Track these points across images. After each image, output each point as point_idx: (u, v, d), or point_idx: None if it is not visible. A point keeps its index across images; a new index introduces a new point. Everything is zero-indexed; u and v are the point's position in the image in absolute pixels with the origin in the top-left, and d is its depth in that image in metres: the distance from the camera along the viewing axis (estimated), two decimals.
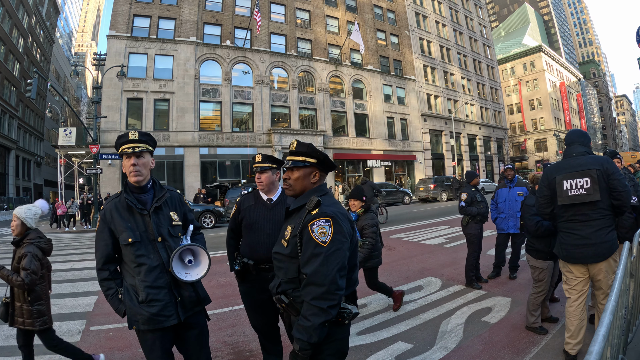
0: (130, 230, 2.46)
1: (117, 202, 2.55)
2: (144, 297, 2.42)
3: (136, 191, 2.58)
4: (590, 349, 1.29)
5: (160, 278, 2.47)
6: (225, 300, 5.93)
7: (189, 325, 2.61)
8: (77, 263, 9.90)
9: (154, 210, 2.54)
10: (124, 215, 2.50)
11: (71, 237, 17.58)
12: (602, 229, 3.39)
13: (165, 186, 2.75)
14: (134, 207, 2.50)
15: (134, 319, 2.46)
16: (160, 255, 2.49)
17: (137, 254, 2.45)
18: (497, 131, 55.14)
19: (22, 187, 46.00)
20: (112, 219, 2.50)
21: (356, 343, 4.22)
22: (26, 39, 45.95)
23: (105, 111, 27.11)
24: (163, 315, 2.44)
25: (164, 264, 2.49)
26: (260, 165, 3.25)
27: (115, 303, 2.54)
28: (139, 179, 2.51)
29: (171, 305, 2.48)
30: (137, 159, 2.50)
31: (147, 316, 2.42)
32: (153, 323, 2.43)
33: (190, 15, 30.91)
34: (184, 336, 2.63)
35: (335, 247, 1.93)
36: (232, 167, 31.36)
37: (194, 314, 2.63)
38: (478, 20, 57.20)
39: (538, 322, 4.42)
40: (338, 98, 37.11)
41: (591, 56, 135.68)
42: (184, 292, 2.55)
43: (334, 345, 2.02)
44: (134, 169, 2.49)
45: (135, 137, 2.51)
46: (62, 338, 3.78)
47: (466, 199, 6.60)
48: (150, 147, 2.58)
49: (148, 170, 2.57)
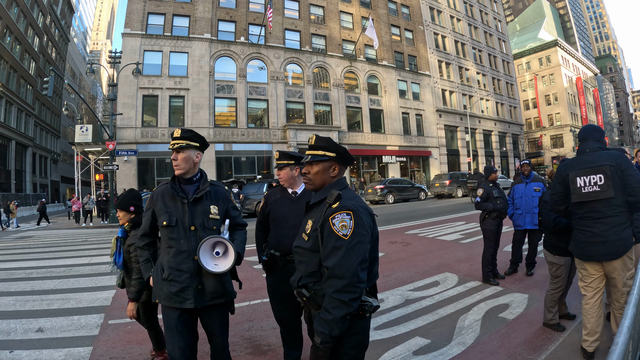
0: (168, 215, 2.71)
1: (164, 189, 2.82)
2: (166, 275, 2.68)
3: (183, 182, 2.82)
4: (616, 340, 1.31)
5: (184, 263, 2.67)
6: (243, 295, 5.96)
7: (209, 315, 2.80)
8: (95, 258, 9.96)
9: (193, 200, 2.74)
10: (167, 201, 2.77)
11: (88, 233, 17.76)
12: (616, 226, 3.32)
13: (214, 181, 2.95)
14: (176, 195, 2.75)
15: (157, 293, 2.75)
16: (190, 242, 2.68)
17: (170, 236, 2.71)
18: (513, 127, 54.45)
19: (39, 183, 46.66)
20: (156, 202, 2.79)
21: (374, 338, 4.19)
22: (41, 38, 46.51)
23: (121, 108, 27.35)
24: (181, 297, 2.65)
25: (192, 251, 2.67)
26: (278, 162, 3.39)
27: (144, 269, 2.91)
28: (178, 171, 2.76)
29: (190, 290, 2.66)
30: (177, 153, 2.74)
31: (166, 293, 2.67)
32: (171, 301, 2.67)
33: (204, 12, 30.99)
34: (204, 322, 2.83)
35: (356, 240, 1.94)
36: (248, 162, 31.43)
37: (215, 306, 2.78)
38: (493, 15, 56.47)
39: (555, 319, 4.38)
40: (353, 94, 36.92)
41: (607, 51, 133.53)
42: (207, 281, 2.71)
43: (355, 338, 2.05)
44: (174, 163, 2.76)
45: (178, 134, 2.76)
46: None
47: (482, 194, 6.58)
48: (193, 142, 2.78)
49: (190, 164, 2.77)
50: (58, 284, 7.13)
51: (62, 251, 11.59)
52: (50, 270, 8.53)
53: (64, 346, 4.22)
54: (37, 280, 7.54)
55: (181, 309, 2.68)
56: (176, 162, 2.74)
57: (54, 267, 8.80)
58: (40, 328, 4.82)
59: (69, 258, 10.08)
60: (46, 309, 5.64)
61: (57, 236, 16.72)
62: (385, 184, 27.21)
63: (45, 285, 7.14)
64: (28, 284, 7.27)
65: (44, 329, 4.78)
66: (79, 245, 12.70)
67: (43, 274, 8.19)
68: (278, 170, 3.38)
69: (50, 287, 6.92)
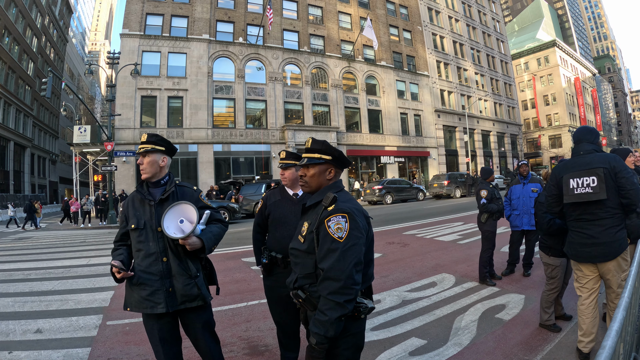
0: (136, 218, 2.76)
1: (134, 194, 2.90)
2: (135, 280, 2.66)
3: (151, 185, 2.86)
4: (604, 344, 1.30)
5: (154, 265, 2.68)
6: (240, 296, 5.99)
7: (188, 319, 2.79)
8: (93, 259, 9.96)
9: (159, 202, 2.78)
10: (136, 205, 2.83)
11: (86, 234, 17.75)
12: (610, 228, 3.35)
13: (182, 183, 2.99)
14: (144, 198, 2.80)
15: (128, 300, 2.73)
16: (158, 244, 2.70)
17: (138, 239, 2.73)
18: (511, 127, 54.54)
19: (38, 184, 46.59)
20: (128, 208, 2.86)
21: (370, 339, 4.22)
22: (40, 39, 46.45)
23: (119, 109, 27.28)
24: (151, 301, 2.63)
25: (160, 253, 2.69)
26: (284, 162, 3.37)
27: (115, 256, 2.77)
28: (145, 175, 2.81)
29: (160, 293, 2.65)
30: (143, 157, 2.80)
31: (137, 298, 2.66)
32: (142, 306, 2.65)
33: (202, 13, 30.98)
34: (185, 328, 2.83)
35: (351, 242, 1.96)
36: (246, 163, 31.43)
37: (190, 310, 2.75)
38: (491, 15, 56.55)
39: (551, 320, 4.41)
40: (351, 94, 36.95)
41: (606, 51, 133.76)
42: (177, 283, 2.68)
43: (350, 340, 2.06)
44: (140, 167, 2.82)
45: (144, 139, 2.82)
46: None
47: (486, 195, 6.56)
48: (159, 146, 2.82)
49: (155, 168, 2.81)
50: (56, 285, 7.15)
51: (60, 252, 11.59)
52: (48, 271, 8.54)
53: (62, 347, 4.24)
54: (35, 282, 7.55)
55: (158, 315, 2.68)
56: (142, 166, 2.79)
57: (53, 268, 8.81)
58: (39, 329, 4.83)
59: (67, 259, 10.08)
60: (45, 310, 5.64)
61: (55, 237, 16.71)
62: (384, 184, 27.32)
63: (44, 286, 7.14)
64: (27, 285, 7.27)
65: (42, 330, 4.78)
66: (78, 247, 12.71)
67: (41, 275, 8.19)
68: (282, 169, 3.36)
69: (49, 288, 6.93)
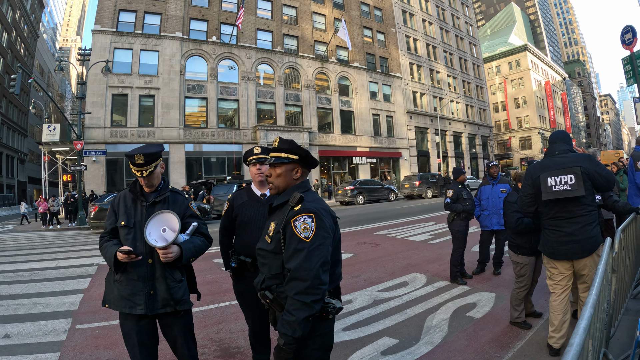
0: (127, 216, 2.78)
1: (126, 192, 2.91)
2: (118, 277, 2.67)
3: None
4: (571, 341, 1.32)
5: (139, 266, 2.66)
6: (211, 297, 5.90)
7: (167, 322, 2.79)
8: (62, 261, 9.67)
9: (152, 203, 2.81)
10: (128, 203, 2.85)
11: (55, 235, 17.34)
12: (587, 225, 3.48)
13: (174, 189, 3.03)
14: (136, 198, 2.84)
15: (107, 296, 2.75)
16: (146, 245, 2.66)
17: (126, 237, 2.73)
18: (482, 129, 55.81)
19: (6, 184, 45.34)
20: (118, 205, 2.86)
21: (342, 339, 4.26)
22: (10, 34, 45.20)
23: (89, 107, 26.88)
24: (131, 301, 2.63)
25: (146, 254, 2.68)
26: (261, 156, 3.23)
27: (112, 246, 2.73)
28: (151, 189, 2.86)
29: (141, 295, 2.64)
30: (149, 177, 2.77)
31: (116, 295, 2.66)
32: (120, 305, 2.65)
33: (176, 10, 30.75)
34: (164, 331, 2.83)
35: (318, 242, 1.96)
36: (218, 163, 31.37)
37: (170, 312, 2.74)
38: (464, 19, 57.74)
39: (522, 317, 4.52)
40: (324, 95, 37.27)
41: (576, 56, 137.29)
42: (159, 287, 2.69)
43: (318, 340, 2.05)
44: (146, 183, 2.81)
45: (142, 160, 2.69)
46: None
47: (452, 195, 6.65)
48: (157, 160, 2.77)
49: (157, 179, 2.86)
50: (24, 289, 6.98)
51: (28, 254, 11.26)
52: (16, 274, 8.30)
53: (31, 352, 4.17)
54: (2, 285, 7.33)
55: (137, 316, 2.65)
56: (149, 183, 2.80)
57: (20, 271, 8.58)
58: (6, 334, 4.71)
59: (35, 262, 9.79)
60: (12, 314, 5.52)
61: (23, 239, 16.21)
62: (355, 185, 27.54)
63: (11, 289, 6.95)
64: None
65: (10, 335, 4.68)
66: (46, 249, 12.39)
67: (9, 278, 7.95)
68: (259, 164, 3.21)
69: (17, 292, 6.76)
